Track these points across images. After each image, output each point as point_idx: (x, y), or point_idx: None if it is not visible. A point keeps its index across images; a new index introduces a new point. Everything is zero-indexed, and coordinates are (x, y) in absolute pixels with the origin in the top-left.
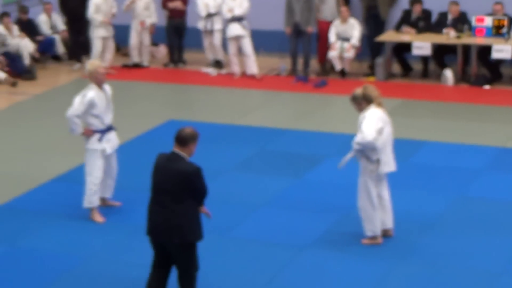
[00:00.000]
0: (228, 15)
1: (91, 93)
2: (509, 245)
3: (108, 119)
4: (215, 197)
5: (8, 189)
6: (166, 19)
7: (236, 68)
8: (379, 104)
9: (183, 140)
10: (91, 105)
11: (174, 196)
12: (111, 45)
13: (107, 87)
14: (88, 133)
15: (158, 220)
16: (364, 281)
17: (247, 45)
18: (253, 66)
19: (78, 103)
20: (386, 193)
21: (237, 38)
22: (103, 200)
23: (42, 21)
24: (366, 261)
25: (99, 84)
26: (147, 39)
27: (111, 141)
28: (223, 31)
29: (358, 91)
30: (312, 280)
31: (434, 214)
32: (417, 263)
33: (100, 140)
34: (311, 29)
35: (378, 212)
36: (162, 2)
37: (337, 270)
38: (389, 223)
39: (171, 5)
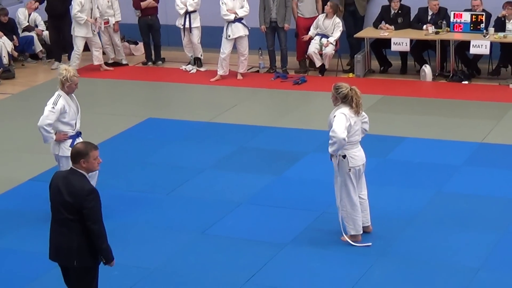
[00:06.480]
0: (230, 16)
1: (62, 101)
2: (487, 241)
3: (78, 124)
4: (194, 195)
5: None
6: (137, 17)
7: (224, 71)
8: (356, 112)
9: (71, 157)
10: (62, 113)
11: (72, 214)
12: (98, 42)
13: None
14: (61, 137)
15: (59, 240)
16: (345, 277)
17: (245, 44)
18: (245, 65)
19: (49, 112)
20: (364, 191)
21: (236, 39)
22: None
23: (21, 13)
24: (347, 258)
25: (70, 92)
26: (116, 38)
27: None
28: (201, 28)
29: (344, 89)
30: (294, 277)
31: (413, 210)
32: (397, 259)
33: (71, 146)
34: (287, 26)
35: (359, 210)
36: (134, 2)
37: (318, 267)
38: (368, 220)
39: (144, 4)
